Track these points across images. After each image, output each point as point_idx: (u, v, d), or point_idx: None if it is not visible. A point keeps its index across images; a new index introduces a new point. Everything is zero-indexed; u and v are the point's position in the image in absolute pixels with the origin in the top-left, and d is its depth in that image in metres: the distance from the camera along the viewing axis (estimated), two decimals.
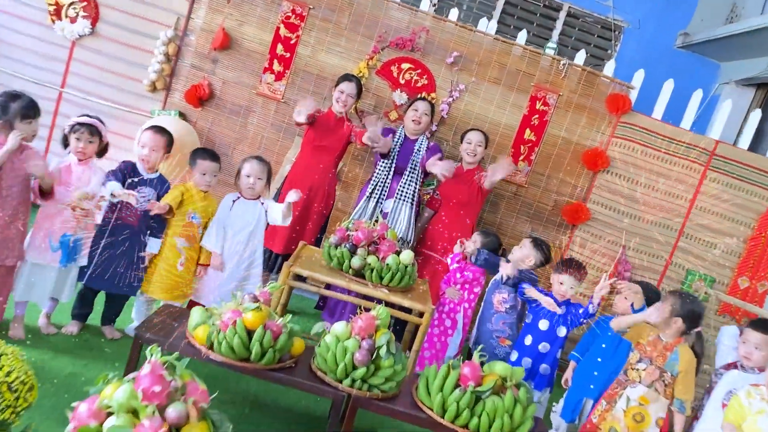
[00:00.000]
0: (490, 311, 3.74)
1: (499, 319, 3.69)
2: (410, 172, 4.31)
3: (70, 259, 3.11)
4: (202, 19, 4.81)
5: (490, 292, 3.78)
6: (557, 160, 4.90)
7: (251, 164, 3.55)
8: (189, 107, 4.86)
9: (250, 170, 3.53)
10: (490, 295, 3.77)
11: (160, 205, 3.19)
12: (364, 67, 4.78)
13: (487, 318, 3.75)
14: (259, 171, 3.54)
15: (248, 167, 3.54)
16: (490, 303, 3.74)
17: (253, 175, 3.53)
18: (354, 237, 3.63)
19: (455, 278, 3.97)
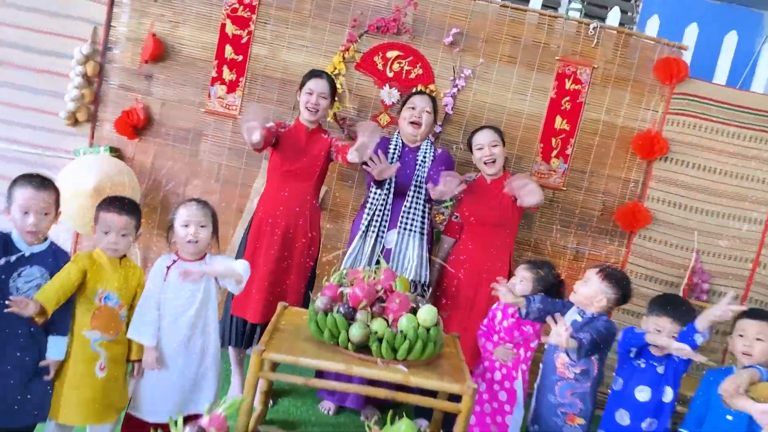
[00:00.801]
0: (551, 377, 2.63)
1: (565, 389, 2.59)
2: (415, 191, 3.23)
3: None
4: (126, 25, 3.73)
5: (550, 350, 2.68)
6: (600, 152, 3.81)
7: (188, 209, 2.47)
8: (123, 139, 3.77)
9: (188, 217, 2.45)
10: (551, 355, 2.66)
11: (28, 306, 2.09)
12: (339, 62, 3.71)
13: (549, 387, 2.64)
14: (200, 216, 2.46)
15: (184, 213, 2.46)
16: (552, 366, 2.63)
17: (192, 222, 2.45)
18: (350, 296, 2.55)
19: (502, 328, 2.88)
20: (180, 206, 2.50)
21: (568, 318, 2.67)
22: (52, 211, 2.29)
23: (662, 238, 3.84)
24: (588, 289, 2.60)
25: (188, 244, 2.46)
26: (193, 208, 2.48)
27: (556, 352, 2.62)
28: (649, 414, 2.42)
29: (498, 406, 2.82)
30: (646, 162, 3.80)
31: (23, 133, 3.81)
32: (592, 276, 2.62)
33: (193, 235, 2.45)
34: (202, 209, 2.49)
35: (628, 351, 2.49)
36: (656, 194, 3.82)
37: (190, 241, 2.45)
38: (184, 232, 2.45)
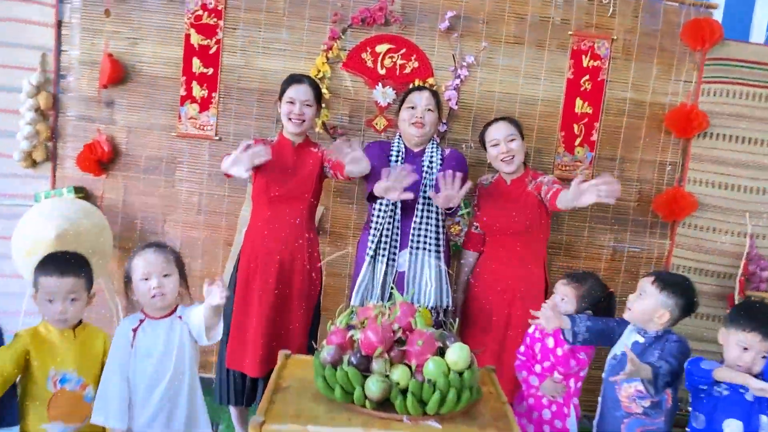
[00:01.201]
0: (615, 414, 2.15)
1: (634, 427, 2.11)
2: (425, 203, 2.75)
3: None
4: (78, 48, 3.28)
5: (611, 382, 2.20)
6: (630, 134, 3.34)
7: (145, 258, 2.03)
8: (88, 177, 3.32)
9: (147, 268, 2.00)
10: (612, 387, 2.18)
11: None
12: (322, 64, 3.25)
13: (612, 425, 2.16)
14: (162, 264, 2.02)
15: (141, 264, 2.02)
16: (614, 400, 2.15)
17: (153, 273, 2.00)
18: (362, 342, 2.07)
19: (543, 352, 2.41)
20: (134, 256, 2.05)
21: (626, 339, 2.20)
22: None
23: (709, 224, 3.36)
24: (645, 303, 2.13)
25: (153, 299, 2.00)
26: (150, 256, 2.02)
27: (619, 384, 2.15)
28: None
29: None
30: (683, 140, 3.33)
31: None
32: (648, 287, 2.15)
33: (157, 288, 1.99)
34: (162, 255, 2.04)
35: (697, 388, 2.02)
36: (698, 176, 3.35)
37: (155, 296, 1.99)
38: (145, 286, 2.00)
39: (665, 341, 2.07)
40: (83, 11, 3.26)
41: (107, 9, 3.24)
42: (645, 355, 2.14)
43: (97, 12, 3.26)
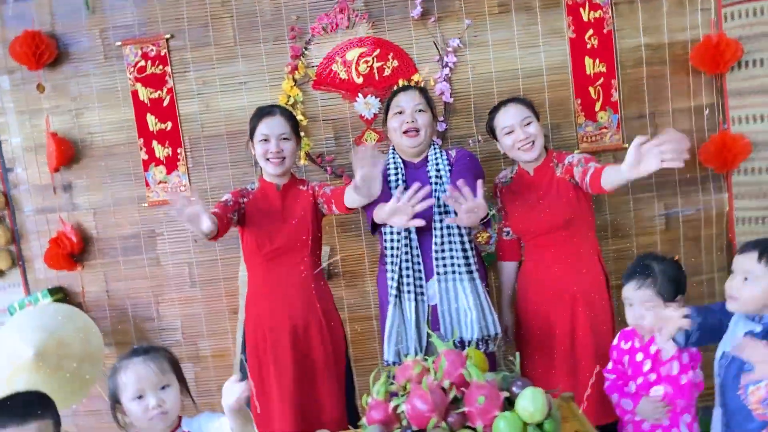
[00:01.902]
0: (748, 425, 1.70)
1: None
2: (442, 219, 2.32)
3: None
4: (18, 134, 2.90)
5: (726, 380, 1.75)
6: (655, 84, 2.89)
7: (133, 373, 1.62)
8: (62, 274, 2.93)
9: (138, 384, 1.60)
10: (735, 396, 1.73)
11: None
12: (290, 88, 2.83)
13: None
14: (156, 376, 1.61)
15: (130, 381, 1.61)
16: (743, 409, 1.70)
17: (147, 390, 1.59)
18: (410, 415, 1.63)
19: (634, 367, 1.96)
20: (118, 371, 1.64)
21: (737, 332, 1.75)
22: None
23: (767, 164, 2.90)
24: (757, 287, 1.68)
25: (153, 421, 1.59)
26: (139, 368, 1.62)
27: (743, 390, 1.69)
28: None
29: None
30: (716, 77, 2.87)
31: None
32: (754, 266, 1.70)
33: (156, 407, 1.58)
34: (153, 363, 1.64)
35: None
36: (742, 113, 2.89)
37: (155, 417, 1.58)
38: (140, 407, 1.60)
39: None
40: (13, 94, 2.88)
41: (39, 83, 2.86)
42: None
43: (29, 90, 2.87)
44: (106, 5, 2.84)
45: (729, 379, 1.78)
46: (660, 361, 1.92)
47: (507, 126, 2.35)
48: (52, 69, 2.86)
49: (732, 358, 1.76)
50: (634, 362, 1.98)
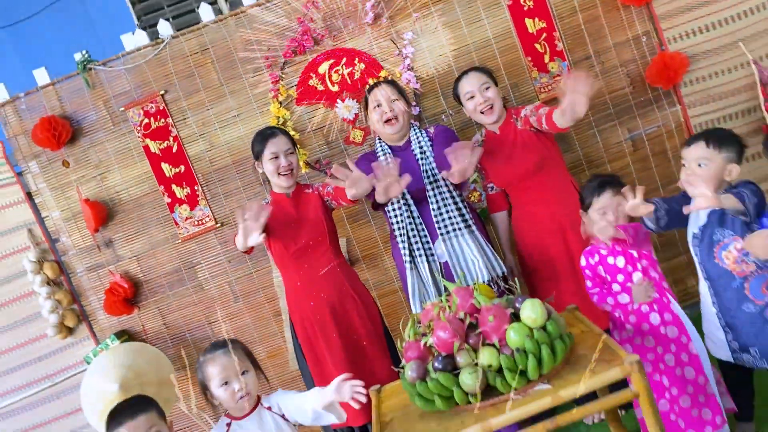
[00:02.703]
0: (732, 285, 2.05)
1: (757, 286, 2.01)
2: (434, 188, 2.68)
3: None
4: (56, 208, 3.30)
5: (704, 256, 2.10)
6: (592, 27, 3.23)
7: (217, 364, 2.00)
8: (122, 318, 3.33)
9: (222, 373, 1.97)
10: (710, 261, 2.09)
11: None
12: (278, 110, 3.21)
13: (736, 298, 2.06)
14: (235, 365, 1.97)
15: (216, 371, 1.98)
16: (723, 273, 2.06)
17: (231, 377, 1.97)
18: (437, 345, 2.00)
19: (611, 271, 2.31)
20: (205, 363, 2.02)
21: (702, 212, 2.11)
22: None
23: (709, 71, 3.24)
24: (710, 169, 2.03)
25: (240, 401, 1.97)
26: (222, 359, 1.99)
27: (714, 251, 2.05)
28: None
29: (676, 348, 2.23)
30: (645, 7, 3.21)
31: (26, 373, 3.38)
32: (702, 152, 2.05)
33: (240, 390, 1.96)
34: (229, 355, 2.00)
35: None
36: (675, 33, 3.22)
37: (242, 398, 1.96)
38: (226, 393, 1.97)
39: (738, 191, 1.97)
40: (44, 175, 3.28)
41: (64, 160, 3.25)
42: (725, 219, 2.04)
43: (56, 168, 3.27)
44: (103, 79, 3.23)
45: (705, 254, 2.13)
46: (629, 254, 2.27)
47: (468, 92, 2.71)
48: (71, 145, 3.25)
49: (702, 235, 2.11)
50: (609, 266, 2.32)
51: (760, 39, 3.21)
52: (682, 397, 2.22)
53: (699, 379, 2.22)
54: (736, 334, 2.09)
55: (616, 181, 2.35)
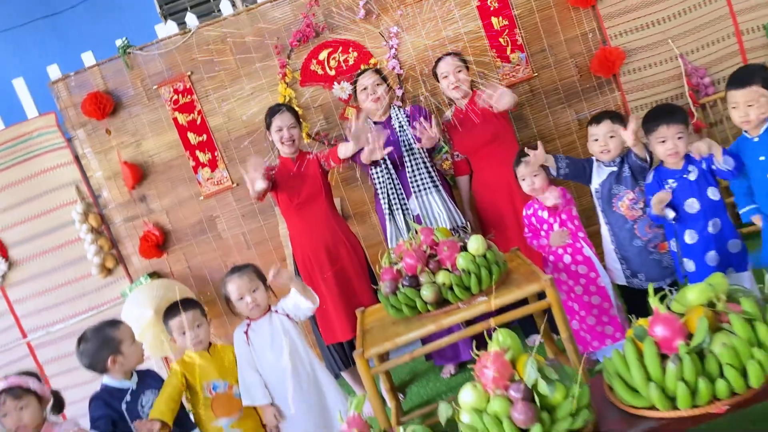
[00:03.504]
0: (624, 225, 2.76)
1: (644, 225, 2.72)
2: (409, 155, 3.36)
3: None
4: (98, 169, 3.98)
5: (605, 205, 2.81)
6: (546, 26, 3.88)
7: (234, 283, 2.67)
8: (154, 261, 4.02)
9: (239, 290, 2.65)
10: (609, 210, 2.79)
11: (148, 426, 2.30)
12: (285, 90, 3.88)
13: (627, 237, 2.76)
14: (248, 283, 2.66)
15: (234, 288, 2.66)
16: (619, 217, 2.76)
17: (243, 292, 2.65)
18: (405, 267, 2.69)
19: (541, 221, 2.99)
20: (226, 282, 2.69)
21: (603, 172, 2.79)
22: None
23: (644, 63, 3.89)
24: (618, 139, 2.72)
25: (252, 311, 2.65)
26: (237, 280, 2.67)
27: (613, 202, 2.75)
28: (708, 217, 2.52)
29: (586, 281, 2.92)
30: (592, 9, 3.85)
31: (72, 305, 4.07)
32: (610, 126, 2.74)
33: (252, 302, 2.64)
34: (246, 275, 2.68)
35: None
36: (616, 30, 3.88)
37: (252, 308, 2.64)
38: (242, 304, 2.65)
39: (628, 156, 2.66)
40: (89, 141, 3.95)
41: (107, 129, 3.92)
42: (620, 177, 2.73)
43: (100, 135, 3.94)
44: (140, 62, 3.89)
45: (605, 204, 2.82)
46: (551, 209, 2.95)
47: (443, 72, 3.36)
48: (112, 116, 3.92)
49: (602, 190, 2.80)
50: (539, 218, 3.00)
51: (687, 37, 3.87)
52: (588, 318, 2.92)
53: (604, 305, 2.91)
54: (629, 263, 2.78)
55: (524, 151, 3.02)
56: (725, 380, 1.78)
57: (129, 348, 2.47)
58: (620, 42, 3.87)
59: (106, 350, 2.45)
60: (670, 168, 2.58)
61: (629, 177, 2.71)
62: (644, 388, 1.86)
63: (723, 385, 1.78)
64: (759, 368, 1.77)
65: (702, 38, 3.87)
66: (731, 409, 1.80)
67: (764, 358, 1.78)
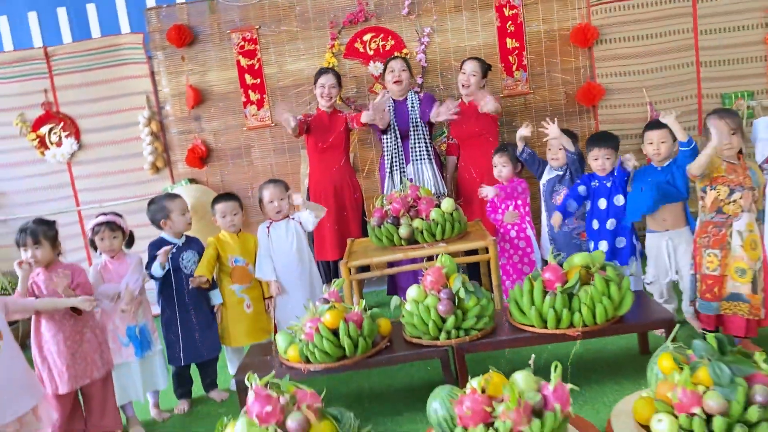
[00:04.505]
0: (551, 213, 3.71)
1: (572, 217, 3.64)
2: (414, 131, 4.28)
3: (144, 348, 3.18)
4: (168, 86, 4.89)
5: (547, 198, 3.74)
6: (549, 54, 4.78)
7: (268, 189, 3.59)
8: (195, 170, 4.95)
9: (270, 195, 3.58)
10: (549, 201, 3.72)
11: (198, 280, 3.26)
12: (330, 58, 4.78)
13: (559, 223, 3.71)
14: (278, 192, 3.58)
15: (267, 194, 3.59)
16: (554, 208, 3.70)
17: (274, 198, 3.57)
18: (392, 210, 3.63)
19: (500, 201, 3.92)
20: (263, 188, 3.62)
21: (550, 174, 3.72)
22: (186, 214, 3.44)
23: (619, 102, 4.80)
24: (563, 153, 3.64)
25: (275, 213, 3.58)
26: (272, 188, 3.60)
27: (551, 196, 3.69)
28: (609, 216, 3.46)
29: (522, 253, 3.87)
30: (587, 49, 4.75)
31: (122, 190, 5.01)
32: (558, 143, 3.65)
33: (278, 207, 3.57)
34: (279, 187, 3.61)
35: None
36: (604, 71, 4.78)
37: (277, 211, 3.58)
38: (271, 207, 3.58)
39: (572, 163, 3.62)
40: (165, 62, 4.86)
41: (183, 56, 4.83)
42: (562, 179, 3.66)
43: (175, 60, 4.85)
44: (221, 8, 4.79)
45: (547, 196, 3.76)
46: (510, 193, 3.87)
47: (463, 69, 4.24)
48: (188, 47, 4.82)
49: (548, 185, 3.73)
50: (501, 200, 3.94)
51: (658, 90, 4.78)
52: (517, 281, 3.85)
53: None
54: (556, 244, 3.72)
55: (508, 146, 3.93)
56: (581, 314, 2.72)
57: (178, 217, 3.39)
58: (604, 81, 4.77)
59: (160, 214, 3.37)
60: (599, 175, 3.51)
61: (568, 180, 3.64)
62: (528, 311, 2.80)
63: (578, 318, 2.72)
64: (604, 311, 2.72)
65: (670, 93, 4.77)
66: (581, 336, 2.74)
67: (609, 305, 2.73)
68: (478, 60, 4.30)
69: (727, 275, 2.89)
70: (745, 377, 1.99)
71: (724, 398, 1.93)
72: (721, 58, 4.74)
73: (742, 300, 2.88)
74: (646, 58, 4.74)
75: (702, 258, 2.98)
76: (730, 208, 2.89)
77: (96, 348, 2.99)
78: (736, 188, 2.88)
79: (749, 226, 2.86)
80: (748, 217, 2.86)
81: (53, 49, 4.90)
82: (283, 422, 2.01)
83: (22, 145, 4.97)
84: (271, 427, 1.97)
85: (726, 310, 2.92)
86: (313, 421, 2.02)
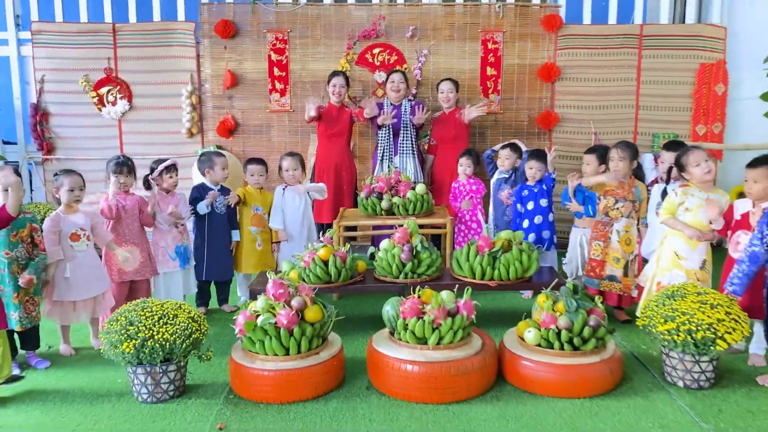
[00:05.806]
0: (502, 207, 4.84)
1: (514, 209, 4.77)
2: (404, 130, 5.41)
3: (185, 263, 4.29)
4: (210, 68, 5.99)
5: (495, 193, 4.89)
6: (520, 84, 5.93)
7: (287, 160, 4.70)
8: (222, 140, 6.04)
9: (288, 165, 4.68)
10: (497, 196, 4.87)
11: (234, 198, 4.37)
12: (344, 63, 5.90)
13: (501, 215, 4.83)
14: (295, 163, 4.68)
15: (286, 163, 4.69)
16: (500, 202, 4.84)
17: (290, 168, 4.68)
18: (378, 187, 4.75)
19: (461, 193, 5.06)
20: (283, 158, 4.72)
21: (500, 176, 4.86)
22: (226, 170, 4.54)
23: (571, 129, 5.96)
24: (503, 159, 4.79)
25: (290, 179, 4.69)
26: (290, 159, 4.70)
27: (499, 193, 4.83)
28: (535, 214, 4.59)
29: (473, 232, 5.01)
30: (550, 83, 5.90)
31: (161, 148, 6.10)
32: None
33: (292, 175, 4.68)
34: (295, 160, 4.71)
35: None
36: (562, 102, 5.94)
37: (291, 177, 4.69)
38: (287, 174, 4.69)
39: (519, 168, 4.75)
40: (209, 48, 5.95)
41: (225, 45, 5.93)
42: (509, 181, 4.80)
43: (219, 48, 5.95)
44: (261, 10, 5.89)
45: (495, 192, 4.89)
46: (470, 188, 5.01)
47: (442, 89, 5.39)
48: (231, 39, 5.92)
49: (496, 184, 4.87)
50: (460, 190, 5.06)
51: (603, 123, 5.95)
52: None
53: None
54: (498, 227, 4.86)
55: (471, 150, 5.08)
56: (499, 272, 3.86)
57: (219, 170, 4.49)
58: (561, 110, 5.92)
59: (207, 164, 4.49)
60: (530, 184, 4.65)
61: (512, 182, 4.78)
62: (464, 265, 3.94)
63: (497, 274, 3.86)
64: (515, 270, 3.85)
65: (612, 127, 5.94)
66: (497, 288, 3.87)
67: (520, 268, 3.86)
68: (451, 80, 5.44)
69: (606, 261, 4.04)
70: (586, 310, 3.14)
71: (570, 320, 3.07)
72: (656, 105, 5.92)
73: (615, 281, 4.03)
74: (596, 96, 5.90)
75: (590, 247, 4.13)
76: (614, 213, 4.04)
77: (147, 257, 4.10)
78: (620, 200, 4.03)
79: (626, 227, 4.01)
80: (626, 221, 4.01)
81: (120, 26, 5.99)
82: (289, 302, 3.12)
83: (83, 101, 6.04)
84: (281, 303, 3.09)
85: (605, 287, 4.07)
86: (309, 304, 3.14)
